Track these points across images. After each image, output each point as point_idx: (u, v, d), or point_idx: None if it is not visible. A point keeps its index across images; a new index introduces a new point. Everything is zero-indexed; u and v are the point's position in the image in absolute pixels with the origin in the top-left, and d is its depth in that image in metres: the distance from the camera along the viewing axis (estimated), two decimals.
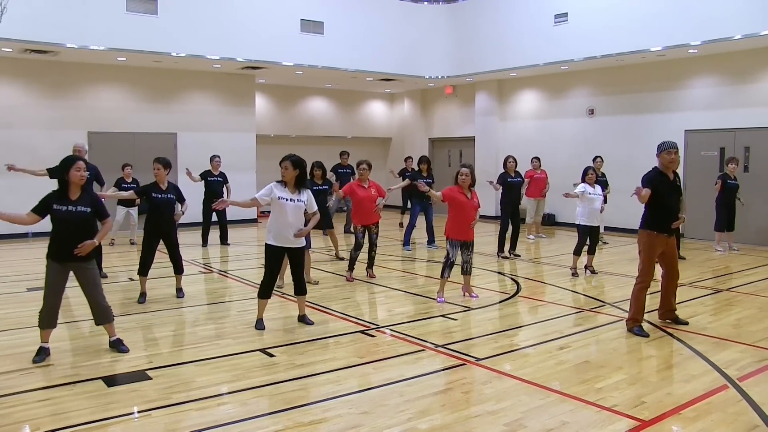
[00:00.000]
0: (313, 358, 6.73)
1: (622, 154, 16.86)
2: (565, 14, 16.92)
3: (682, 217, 7.83)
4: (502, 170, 13.72)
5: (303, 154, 11.91)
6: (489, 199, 19.29)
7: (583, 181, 11.42)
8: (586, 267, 11.54)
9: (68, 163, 6.50)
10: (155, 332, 7.87)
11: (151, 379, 6.06)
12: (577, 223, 11.45)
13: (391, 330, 7.84)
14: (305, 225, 7.72)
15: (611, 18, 15.86)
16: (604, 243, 14.81)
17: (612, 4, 15.89)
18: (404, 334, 7.64)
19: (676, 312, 8.10)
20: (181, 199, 9.47)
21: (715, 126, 15.80)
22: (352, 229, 11.93)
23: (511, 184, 13.41)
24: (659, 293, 8.19)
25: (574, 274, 11.29)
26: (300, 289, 7.98)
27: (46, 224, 6.55)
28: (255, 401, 5.57)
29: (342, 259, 12.78)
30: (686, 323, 7.96)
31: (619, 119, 17.68)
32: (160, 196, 9.11)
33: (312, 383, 6.01)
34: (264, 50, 16.87)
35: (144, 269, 9.20)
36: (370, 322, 8.20)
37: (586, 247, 11.44)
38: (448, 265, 9.27)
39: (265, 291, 7.78)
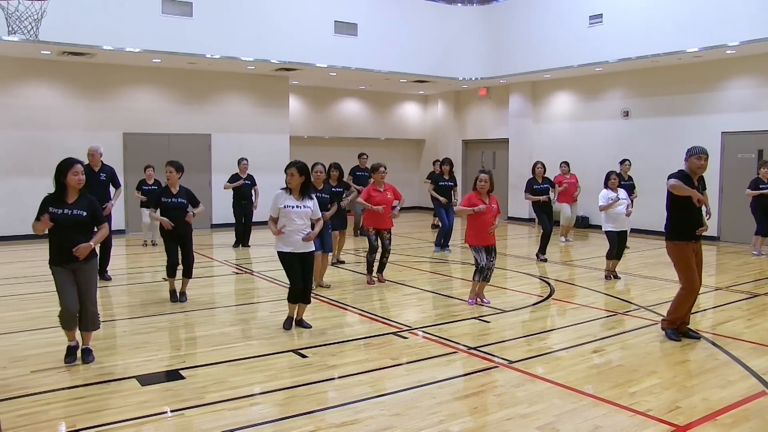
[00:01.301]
0: (345, 360, 6.74)
1: (657, 156, 16.67)
2: (600, 15, 16.77)
3: (706, 224, 7.62)
4: (530, 176, 13.61)
5: (336, 156, 11.94)
6: (518, 201, 19.19)
7: (606, 186, 11.28)
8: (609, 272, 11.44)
9: (65, 166, 6.36)
10: (189, 332, 7.95)
11: (184, 378, 6.11)
12: (604, 229, 11.29)
13: (424, 332, 7.83)
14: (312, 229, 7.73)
15: (646, 19, 15.69)
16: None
17: (647, 4, 15.71)
18: (436, 336, 7.63)
19: (688, 326, 7.64)
20: (195, 203, 9.31)
21: (752, 128, 15.57)
22: (361, 233, 11.71)
23: (538, 191, 13.32)
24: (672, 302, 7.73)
25: (608, 278, 11.21)
26: (305, 297, 7.87)
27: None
28: (287, 402, 5.60)
29: (342, 262, 12.73)
30: (698, 337, 7.54)
31: (655, 121, 17.49)
32: (170, 200, 9.07)
33: (344, 384, 6.03)
34: (298, 52, 16.93)
35: (171, 271, 9.25)
36: (403, 324, 8.19)
37: None
38: (479, 270, 9.10)
39: (295, 296, 7.77)
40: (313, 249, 7.83)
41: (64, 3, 13.26)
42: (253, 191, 14.98)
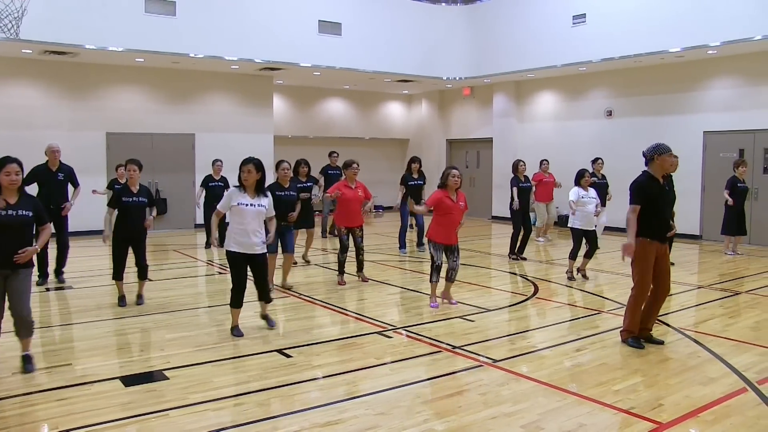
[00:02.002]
0: (329, 359, 6.74)
1: (640, 156, 16.60)
2: (584, 15, 16.84)
3: (675, 227, 7.52)
4: (513, 175, 13.60)
5: (320, 155, 11.85)
6: (503, 201, 19.13)
7: (577, 184, 11.29)
8: (578, 270, 11.32)
9: None
10: (172, 332, 7.88)
11: (168, 379, 6.09)
12: (570, 226, 11.29)
13: (408, 331, 7.83)
14: (267, 231, 7.62)
15: (629, 19, 15.78)
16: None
17: (630, 5, 15.81)
18: (421, 335, 7.64)
19: (651, 332, 7.43)
20: (152, 203, 9.09)
21: (734, 127, 15.68)
22: (335, 232, 11.53)
23: (522, 189, 13.33)
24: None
25: (570, 278, 11.15)
26: (264, 296, 7.82)
27: None
28: (271, 402, 5.59)
29: (308, 262, 12.61)
30: (662, 342, 7.35)
31: (638, 121, 17.57)
32: (130, 199, 8.79)
33: (328, 384, 6.03)
34: (282, 51, 16.90)
35: (118, 274, 9.01)
36: (387, 323, 8.19)
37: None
38: (435, 268, 8.96)
39: (237, 300, 7.60)
40: (265, 251, 7.66)
41: (45, 1, 13.18)
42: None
